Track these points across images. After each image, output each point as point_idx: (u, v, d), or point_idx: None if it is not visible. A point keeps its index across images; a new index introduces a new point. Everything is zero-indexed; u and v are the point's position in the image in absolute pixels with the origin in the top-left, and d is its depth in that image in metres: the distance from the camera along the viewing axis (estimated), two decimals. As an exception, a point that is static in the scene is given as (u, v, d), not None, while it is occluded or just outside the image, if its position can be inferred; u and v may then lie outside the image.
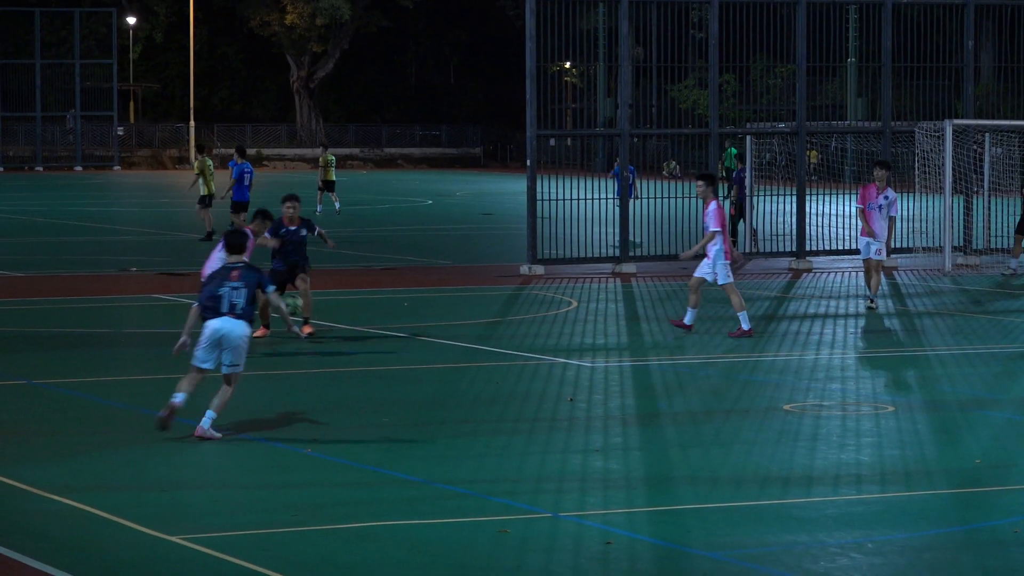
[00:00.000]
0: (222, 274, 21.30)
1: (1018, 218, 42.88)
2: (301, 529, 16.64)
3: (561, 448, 20.85)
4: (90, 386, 24.91)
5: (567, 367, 27.30)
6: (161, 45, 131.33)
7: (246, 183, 51.58)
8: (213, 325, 20.90)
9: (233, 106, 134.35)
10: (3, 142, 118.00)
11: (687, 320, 30.64)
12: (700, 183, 31.64)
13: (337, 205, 66.05)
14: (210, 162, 54.34)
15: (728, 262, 30.55)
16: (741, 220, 47.30)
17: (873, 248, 33.85)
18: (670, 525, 16.97)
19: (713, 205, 30.76)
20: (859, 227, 34.92)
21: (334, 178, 67.40)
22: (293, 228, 29.26)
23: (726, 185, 50.59)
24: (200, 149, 56.68)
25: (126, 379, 25.70)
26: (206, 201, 52.89)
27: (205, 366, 20.97)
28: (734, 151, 67.50)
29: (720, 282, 30.49)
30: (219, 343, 20.88)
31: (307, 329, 28.92)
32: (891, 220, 34.88)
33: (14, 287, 39.32)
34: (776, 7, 47.14)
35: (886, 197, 34.64)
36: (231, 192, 50.89)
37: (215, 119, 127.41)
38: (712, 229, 30.53)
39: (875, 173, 35.41)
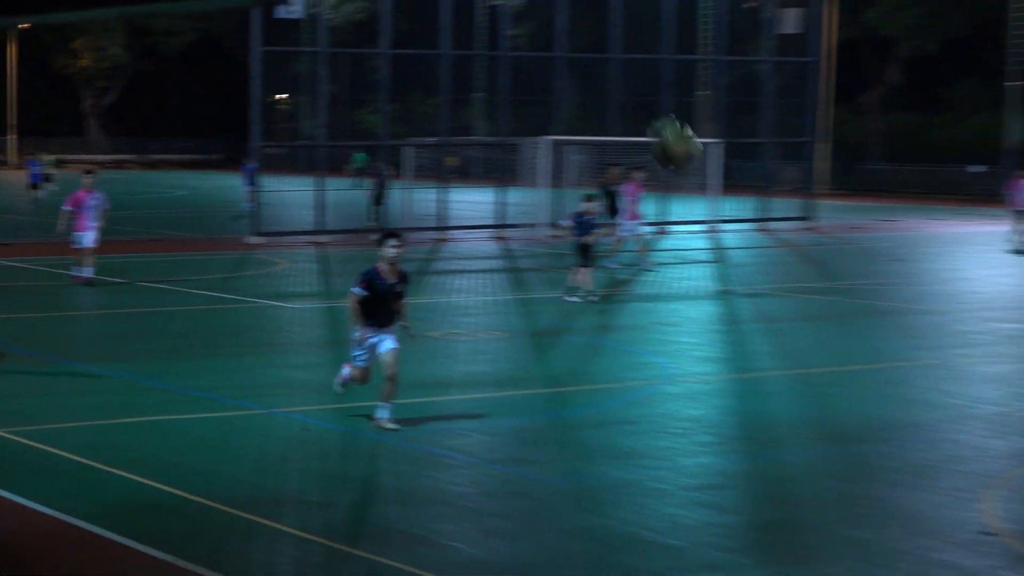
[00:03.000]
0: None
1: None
2: (96, 423, 16.49)
3: (276, 364, 20.84)
4: None
5: (280, 308, 27.25)
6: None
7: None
8: None
9: (44, 125, 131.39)
10: None
11: (87, 275, 30.14)
12: (88, 176, 30.88)
13: (48, 190, 60.51)
14: None
15: (83, 234, 30.08)
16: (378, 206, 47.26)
17: None
18: (350, 418, 17.07)
19: (81, 192, 30.37)
20: None
21: (52, 172, 63.94)
22: None
23: (370, 180, 50.11)
24: None
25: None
26: None
27: None
28: (362, 156, 67.37)
29: (79, 245, 30.10)
30: None
31: None
32: None
33: None
34: (425, 58, 47.43)
35: None
36: None
37: (31, 134, 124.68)
38: (64, 208, 30.25)
39: None
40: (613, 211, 36.68)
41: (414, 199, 46.32)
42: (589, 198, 29.77)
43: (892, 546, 12.09)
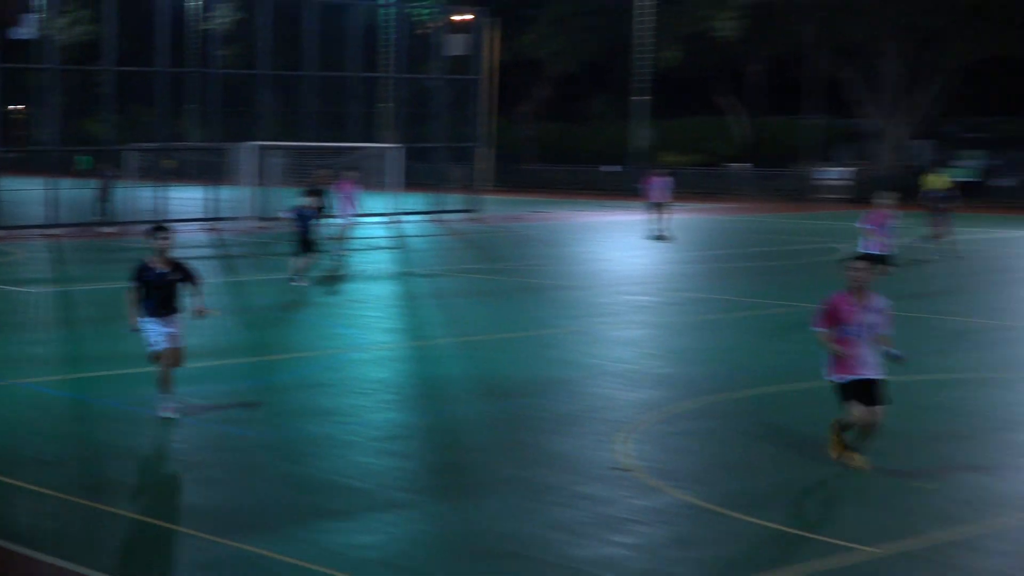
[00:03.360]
0: None
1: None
2: None
3: (15, 341, 20.18)
4: None
5: (17, 292, 26.38)
6: None
7: None
8: None
9: None
10: None
11: None
12: None
13: None
14: None
15: None
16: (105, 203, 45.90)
17: None
18: (85, 385, 16.66)
19: None
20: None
21: None
22: None
23: (96, 180, 48.17)
24: None
25: None
26: None
27: None
28: (87, 159, 64.73)
29: None
30: None
31: None
32: None
33: None
34: (145, 74, 46.41)
35: None
36: None
37: None
38: None
39: None
40: (321, 207, 36.58)
41: (136, 196, 45.31)
42: (307, 194, 29.63)
43: (543, 482, 12.39)
